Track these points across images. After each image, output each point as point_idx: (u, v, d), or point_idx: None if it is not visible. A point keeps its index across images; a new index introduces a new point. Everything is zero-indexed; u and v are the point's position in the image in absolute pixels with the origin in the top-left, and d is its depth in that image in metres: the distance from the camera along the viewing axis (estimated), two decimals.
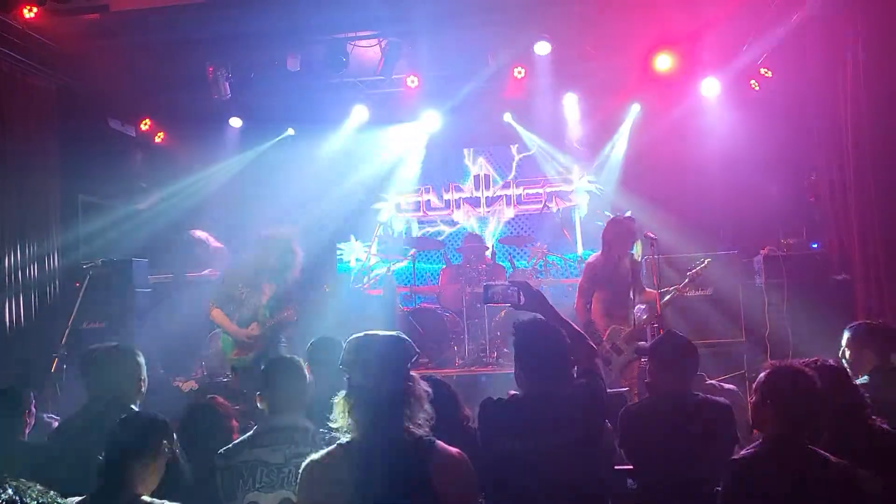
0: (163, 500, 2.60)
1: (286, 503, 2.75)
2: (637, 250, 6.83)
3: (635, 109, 9.24)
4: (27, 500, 1.57)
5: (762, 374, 3.01)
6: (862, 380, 4.22)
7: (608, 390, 3.38)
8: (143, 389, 3.75)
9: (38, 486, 1.64)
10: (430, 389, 2.53)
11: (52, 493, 1.67)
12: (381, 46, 7.87)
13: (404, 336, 2.57)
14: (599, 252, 6.41)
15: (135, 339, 6.71)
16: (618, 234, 6.24)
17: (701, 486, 3.25)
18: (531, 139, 9.98)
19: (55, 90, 7.80)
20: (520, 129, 9.87)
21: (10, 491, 1.56)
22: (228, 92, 8.22)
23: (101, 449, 2.64)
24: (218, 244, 8.84)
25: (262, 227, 6.13)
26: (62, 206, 7.76)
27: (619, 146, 9.56)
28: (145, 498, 2.59)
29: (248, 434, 3.08)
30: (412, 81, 8.55)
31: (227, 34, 7.76)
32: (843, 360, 4.47)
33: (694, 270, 6.26)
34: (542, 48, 7.84)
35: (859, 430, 3.42)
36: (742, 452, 3.02)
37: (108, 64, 7.71)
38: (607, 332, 6.05)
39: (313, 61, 8.01)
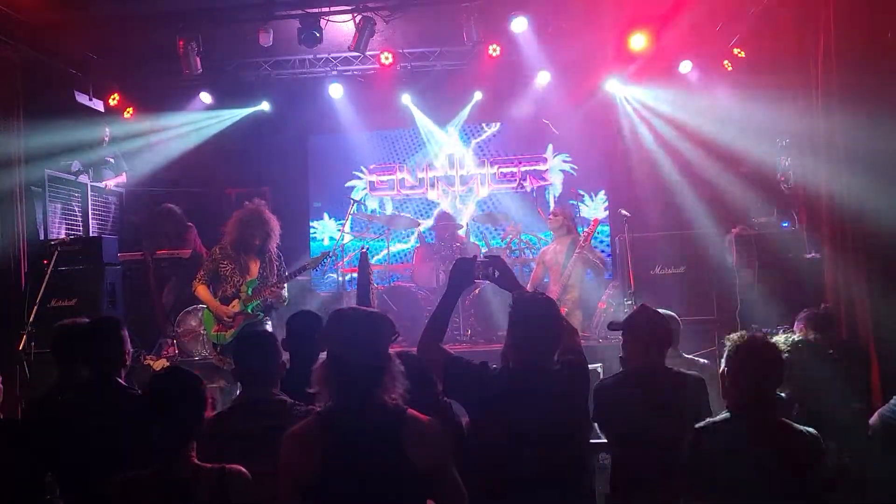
0: (233, 465, 2.53)
1: (265, 475, 2.74)
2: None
3: (610, 87, 9.23)
4: None
5: (728, 345, 3.05)
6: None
7: None
8: (128, 362, 3.68)
9: None
10: (403, 368, 2.56)
11: None
12: (355, 21, 7.76)
13: (385, 315, 2.64)
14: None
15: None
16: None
17: (675, 459, 3.29)
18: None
19: (19, 62, 7.56)
20: (465, 109, 9.92)
21: None
22: (199, 67, 8.06)
23: (90, 422, 2.49)
24: (189, 223, 8.75)
25: (234, 206, 6.09)
26: (28, 182, 7.59)
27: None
28: (204, 464, 2.53)
29: (226, 407, 3.06)
30: (386, 58, 8.47)
31: (198, 7, 7.62)
32: None
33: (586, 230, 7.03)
34: (519, 24, 7.80)
35: (823, 402, 3.51)
36: (706, 421, 3.07)
37: (75, 36, 7.53)
38: None
39: (286, 36, 7.89)
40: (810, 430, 2.89)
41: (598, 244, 8.74)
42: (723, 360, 3.05)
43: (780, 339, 3.55)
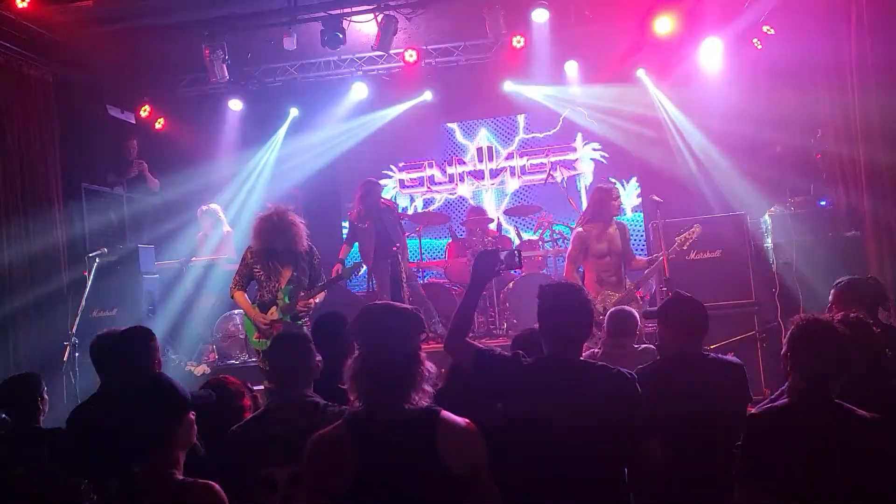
0: (198, 479, 2.42)
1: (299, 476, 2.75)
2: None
3: (639, 72, 9.11)
4: None
5: (791, 327, 2.95)
6: None
7: None
8: (160, 370, 3.72)
9: None
10: (432, 369, 2.47)
11: None
12: (377, 21, 7.77)
13: (417, 312, 2.53)
14: (586, 220, 6.39)
15: (144, 325, 6.70)
16: (602, 200, 6.31)
17: (714, 446, 3.24)
18: (538, 91, 9.71)
19: (52, 79, 7.76)
20: (521, 88, 9.67)
21: None
22: (226, 74, 8.14)
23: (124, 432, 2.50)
24: (228, 228, 8.79)
25: (262, 208, 6.06)
26: (65, 196, 7.76)
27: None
28: (179, 477, 2.43)
29: (260, 410, 3.09)
30: (410, 55, 8.47)
31: (222, 15, 7.70)
32: None
33: (682, 236, 6.14)
34: (540, 15, 7.76)
35: (882, 385, 3.39)
36: (765, 406, 2.98)
37: (104, 51, 7.67)
38: (598, 297, 6.07)
39: (310, 40, 7.92)
40: (874, 415, 2.76)
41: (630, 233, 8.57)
42: (784, 342, 2.96)
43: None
